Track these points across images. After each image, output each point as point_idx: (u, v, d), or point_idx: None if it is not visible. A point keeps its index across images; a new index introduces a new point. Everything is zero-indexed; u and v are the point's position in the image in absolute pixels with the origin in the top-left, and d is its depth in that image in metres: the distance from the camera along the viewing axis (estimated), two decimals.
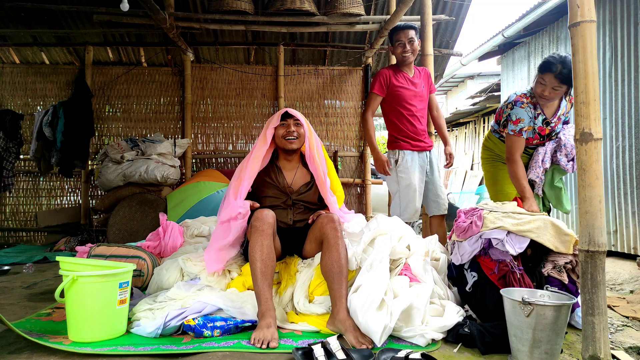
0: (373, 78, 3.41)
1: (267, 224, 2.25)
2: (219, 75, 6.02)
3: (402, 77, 3.34)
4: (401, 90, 3.30)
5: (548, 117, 2.73)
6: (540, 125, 2.73)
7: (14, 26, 5.56)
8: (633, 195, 4.35)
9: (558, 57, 2.51)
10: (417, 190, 3.31)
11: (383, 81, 3.31)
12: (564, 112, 2.76)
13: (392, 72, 3.35)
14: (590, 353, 1.70)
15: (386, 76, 3.31)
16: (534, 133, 2.75)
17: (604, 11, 4.74)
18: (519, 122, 2.67)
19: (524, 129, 2.67)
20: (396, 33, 3.27)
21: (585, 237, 1.74)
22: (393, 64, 3.45)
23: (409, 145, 3.33)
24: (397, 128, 3.38)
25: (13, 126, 5.03)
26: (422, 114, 3.40)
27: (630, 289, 3.54)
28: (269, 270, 2.17)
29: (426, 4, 3.69)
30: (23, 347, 1.91)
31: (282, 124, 2.65)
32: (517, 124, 2.67)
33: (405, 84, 3.32)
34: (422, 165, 3.37)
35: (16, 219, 5.82)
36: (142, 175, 4.93)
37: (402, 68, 3.36)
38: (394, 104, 3.34)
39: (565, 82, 2.50)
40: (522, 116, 2.66)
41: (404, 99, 3.31)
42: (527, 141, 2.77)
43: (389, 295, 2.05)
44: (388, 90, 3.32)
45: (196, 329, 2.02)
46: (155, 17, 4.33)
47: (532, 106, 2.70)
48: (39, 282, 3.27)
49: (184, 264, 2.62)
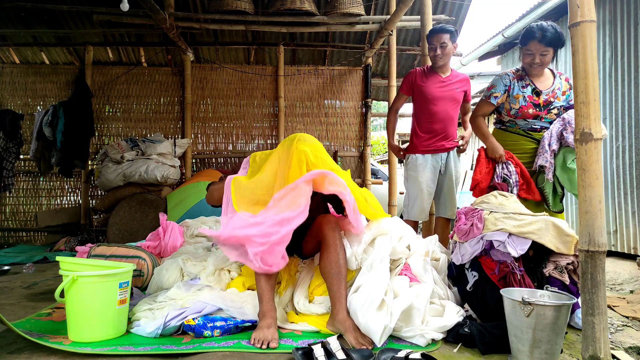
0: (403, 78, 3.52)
1: None
2: (219, 75, 6.02)
3: (433, 77, 3.37)
4: (426, 90, 3.33)
5: (539, 88, 2.79)
6: (530, 94, 2.79)
7: (14, 26, 5.56)
8: (633, 195, 4.35)
9: (535, 25, 2.66)
10: (424, 190, 3.33)
11: (409, 80, 3.42)
12: (558, 87, 2.80)
13: (421, 71, 3.42)
14: (590, 353, 1.70)
15: (412, 76, 3.41)
16: (525, 101, 2.79)
17: (604, 11, 4.74)
18: (492, 88, 2.86)
19: (494, 94, 2.84)
20: (430, 36, 3.31)
21: (585, 237, 1.74)
22: (428, 65, 3.48)
23: (421, 148, 3.36)
24: (414, 128, 3.43)
25: (13, 126, 5.03)
26: (449, 115, 3.37)
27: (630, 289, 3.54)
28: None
29: (426, 4, 3.69)
30: (23, 347, 1.91)
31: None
32: (489, 90, 2.87)
33: (433, 84, 3.34)
34: (435, 166, 3.37)
35: (16, 219, 5.82)
36: (142, 175, 4.93)
37: (436, 69, 3.38)
38: (419, 102, 3.40)
39: (550, 44, 2.62)
40: (495, 83, 2.86)
41: (428, 98, 3.33)
42: (522, 110, 2.80)
43: (389, 295, 2.05)
44: (415, 90, 3.40)
45: (196, 329, 2.02)
46: (155, 17, 4.33)
47: (515, 77, 2.82)
48: (39, 282, 3.27)
49: (184, 264, 2.62)
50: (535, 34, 2.63)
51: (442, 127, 3.36)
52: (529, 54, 2.70)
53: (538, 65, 2.71)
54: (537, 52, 2.66)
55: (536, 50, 2.66)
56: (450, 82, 3.37)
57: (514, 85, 2.81)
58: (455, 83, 3.39)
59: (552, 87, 2.79)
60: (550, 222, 2.12)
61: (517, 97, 2.80)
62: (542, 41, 2.62)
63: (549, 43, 2.62)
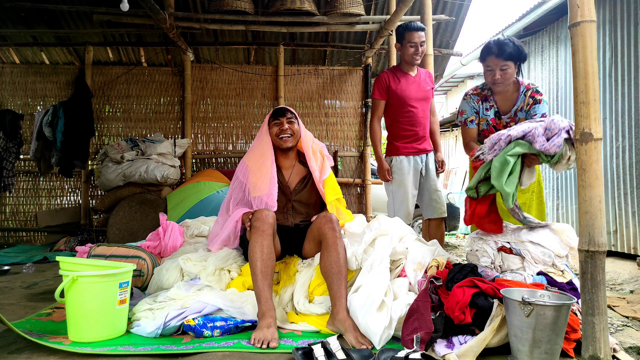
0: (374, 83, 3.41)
1: (267, 224, 2.25)
2: (219, 75, 6.02)
3: (403, 78, 3.31)
4: (402, 92, 3.27)
5: (501, 110, 2.68)
6: (493, 117, 2.72)
7: (14, 26, 5.56)
8: (633, 195, 4.35)
9: (492, 40, 2.56)
10: (409, 193, 3.29)
11: (382, 85, 3.31)
12: (521, 107, 2.64)
13: (392, 74, 3.33)
14: (590, 353, 1.70)
15: (385, 80, 3.30)
16: (487, 125, 2.73)
17: (604, 11, 4.74)
18: (463, 113, 2.78)
19: (468, 119, 2.75)
20: (410, 33, 3.22)
21: (585, 237, 1.74)
22: (394, 66, 3.42)
23: (405, 150, 3.31)
24: (394, 132, 3.36)
25: (13, 126, 5.03)
26: (424, 115, 3.36)
27: (630, 289, 3.54)
28: (269, 270, 2.17)
29: (426, 4, 3.69)
30: (23, 347, 1.91)
31: (276, 123, 2.62)
32: (461, 115, 2.79)
33: (407, 85, 3.29)
34: (417, 168, 3.33)
35: (16, 219, 5.83)
36: (142, 175, 4.93)
37: (405, 68, 3.33)
38: (396, 106, 3.31)
39: (509, 57, 2.50)
40: (464, 108, 2.77)
41: (405, 100, 3.28)
42: (484, 132, 2.75)
43: (389, 296, 2.05)
44: (389, 93, 3.30)
45: (196, 329, 2.02)
46: (155, 17, 4.33)
47: (480, 98, 2.73)
48: (39, 282, 3.27)
49: (184, 264, 2.62)
50: (492, 49, 2.52)
51: (422, 128, 3.34)
52: (489, 71, 2.56)
53: (500, 82, 2.56)
54: (496, 68, 2.52)
55: (495, 66, 2.52)
56: (420, 80, 3.34)
57: (479, 107, 2.73)
58: (425, 81, 3.36)
59: (515, 108, 2.65)
60: None
61: (482, 121, 2.74)
62: (499, 56, 2.49)
63: (508, 57, 2.49)
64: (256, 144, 2.69)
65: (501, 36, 2.58)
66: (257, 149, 2.65)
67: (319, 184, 2.63)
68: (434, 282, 2.07)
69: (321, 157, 2.71)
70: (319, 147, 2.73)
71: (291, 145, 2.63)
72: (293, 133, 2.62)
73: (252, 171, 2.58)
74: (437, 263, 2.20)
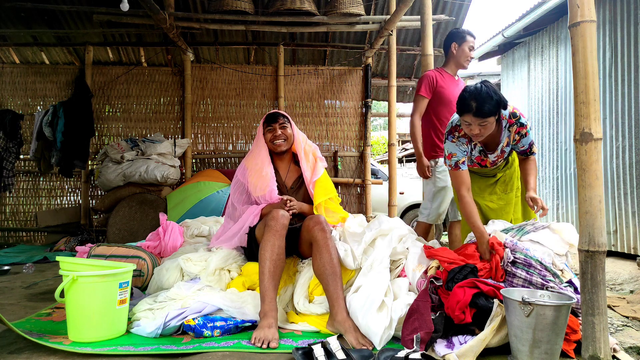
0: (419, 80, 3.39)
1: (280, 225, 2.25)
2: (219, 75, 6.02)
3: (450, 79, 3.33)
4: (447, 91, 3.27)
5: (487, 149, 2.53)
6: (478, 155, 2.55)
7: (14, 26, 5.56)
8: (633, 195, 4.35)
9: (469, 92, 2.27)
10: (450, 196, 3.31)
11: (429, 83, 3.29)
12: (508, 142, 2.50)
13: (439, 74, 3.33)
14: (590, 353, 1.70)
15: (432, 78, 3.29)
16: (472, 162, 2.59)
17: (604, 11, 4.74)
18: (452, 156, 2.47)
19: (459, 161, 2.46)
20: (470, 36, 3.26)
21: (585, 237, 1.74)
22: (440, 67, 3.40)
23: None
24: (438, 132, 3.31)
25: (13, 126, 5.03)
26: None
27: (630, 289, 3.54)
28: (277, 271, 2.17)
29: (426, 4, 3.69)
30: (23, 347, 1.91)
31: (269, 129, 2.69)
32: (450, 158, 2.48)
33: (452, 86, 3.30)
34: None
35: (16, 219, 5.82)
36: (142, 175, 4.93)
37: (452, 70, 3.35)
38: (441, 105, 3.29)
39: (488, 115, 2.24)
40: (453, 151, 2.47)
41: (450, 100, 3.24)
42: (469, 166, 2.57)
43: (389, 296, 2.05)
44: (434, 92, 3.30)
45: (196, 329, 2.02)
46: (155, 17, 4.33)
47: (467, 140, 2.50)
48: (39, 282, 3.27)
49: (184, 264, 2.62)
50: (470, 107, 2.23)
51: None
52: (467, 125, 2.31)
53: (480, 135, 2.34)
54: (474, 124, 2.27)
55: (473, 122, 2.27)
56: (461, 85, 3.35)
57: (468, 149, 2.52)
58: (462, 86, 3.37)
59: (500, 146, 2.49)
60: None
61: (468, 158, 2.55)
62: (478, 115, 2.23)
63: (487, 114, 2.23)
64: (254, 146, 2.77)
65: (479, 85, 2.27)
66: (255, 151, 2.73)
67: (309, 186, 2.69)
68: (434, 282, 2.07)
69: (313, 159, 2.77)
70: (311, 149, 2.80)
71: (285, 149, 2.71)
72: (286, 137, 2.68)
73: (251, 173, 2.67)
74: (438, 264, 2.20)
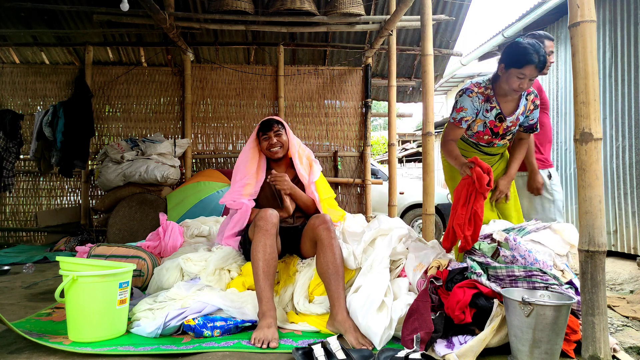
0: None
1: (271, 224, 2.25)
2: (219, 75, 6.02)
3: None
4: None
5: (505, 113, 2.55)
6: (493, 119, 2.56)
7: (14, 26, 5.56)
8: (633, 195, 4.35)
9: (531, 46, 2.32)
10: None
11: None
12: (523, 111, 2.58)
13: None
14: (590, 353, 1.70)
15: None
16: (484, 127, 2.59)
17: (604, 11, 4.74)
18: (461, 110, 2.52)
19: (464, 118, 2.52)
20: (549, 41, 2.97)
21: (585, 237, 1.74)
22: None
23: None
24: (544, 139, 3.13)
25: (13, 126, 5.03)
26: None
27: (630, 289, 3.54)
28: (271, 270, 2.17)
29: (426, 4, 3.68)
30: (23, 347, 1.91)
31: (264, 138, 2.71)
32: (459, 112, 2.53)
33: None
34: None
35: (16, 219, 5.82)
36: (142, 175, 4.93)
37: None
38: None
39: (542, 69, 2.35)
40: (465, 105, 2.51)
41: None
42: (477, 134, 2.63)
43: (389, 296, 2.05)
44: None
45: (196, 329, 2.02)
46: (155, 17, 4.33)
47: (484, 98, 2.53)
48: (39, 282, 3.27)
49: (184, 264, 2.62)
50: (533, 59, 2.30)
51: None
52: (520, 78, 2.36)
53: (521, 90, 2.42)
54: (528, 77, 2.35)
55: (530, 75, 2.35)
56: None
57: (480, 108, 2.55)
58: None
59: (517, 112, 2.56)
60: None
61: (478, 122, 2.58)
62: (539, 66, 2.32)
63: (542, 67, 2.34)
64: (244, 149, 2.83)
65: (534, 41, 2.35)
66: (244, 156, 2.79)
67: (310, 187, 2.72)
68: (434, 282, 2.07)
69: (307, 162, 2.82)
70: (305, 153, 2.85)
71: (281, 155, 2.76)
72: (282, 144, 2.73)
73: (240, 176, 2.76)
74: (439, 264, 2.20)
